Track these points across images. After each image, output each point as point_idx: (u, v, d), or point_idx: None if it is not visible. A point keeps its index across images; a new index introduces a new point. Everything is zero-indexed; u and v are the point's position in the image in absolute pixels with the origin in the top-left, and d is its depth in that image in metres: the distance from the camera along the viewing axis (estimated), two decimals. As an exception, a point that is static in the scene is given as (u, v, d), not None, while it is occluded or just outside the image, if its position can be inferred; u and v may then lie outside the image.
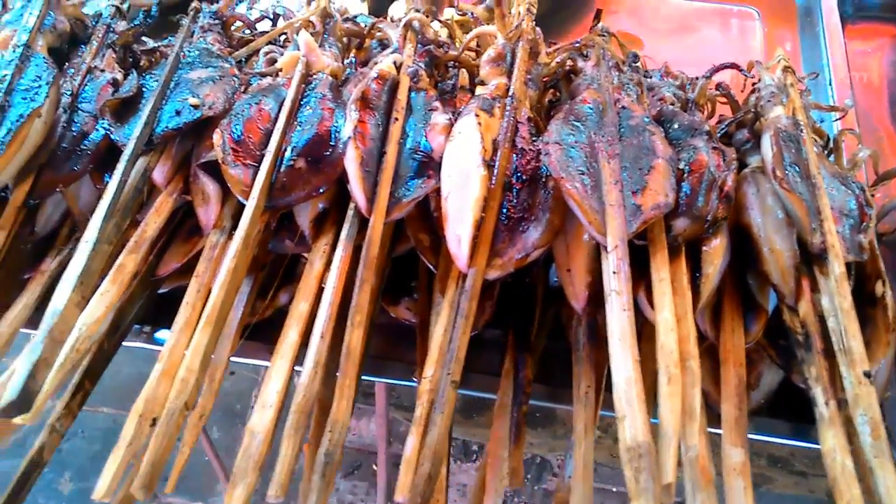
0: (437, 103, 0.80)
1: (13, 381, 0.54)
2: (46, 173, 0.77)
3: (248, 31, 0.95)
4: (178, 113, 0.77)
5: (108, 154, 0.79)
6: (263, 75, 0.87)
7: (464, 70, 0.89)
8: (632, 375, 0.58)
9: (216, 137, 0.76)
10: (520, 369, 0.72)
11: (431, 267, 0.76)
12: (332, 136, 0.76)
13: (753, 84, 0.91)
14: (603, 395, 0.69)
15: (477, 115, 0.75)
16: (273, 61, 0.88)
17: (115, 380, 1.04)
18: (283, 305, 0.82)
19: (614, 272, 0.64)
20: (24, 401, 0.53)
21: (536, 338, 0.75)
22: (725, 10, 1.18)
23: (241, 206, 0.77)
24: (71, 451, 1.91)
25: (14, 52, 0.81)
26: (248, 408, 2.10)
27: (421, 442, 0.62)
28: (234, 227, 0.76)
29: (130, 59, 0.90)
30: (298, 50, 0.86)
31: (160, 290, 0.80)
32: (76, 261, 0.62)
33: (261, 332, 0.78)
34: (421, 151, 0.76)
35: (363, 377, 0.71)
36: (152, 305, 0.80)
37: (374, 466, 1.95)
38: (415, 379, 0.79)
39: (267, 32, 0.93)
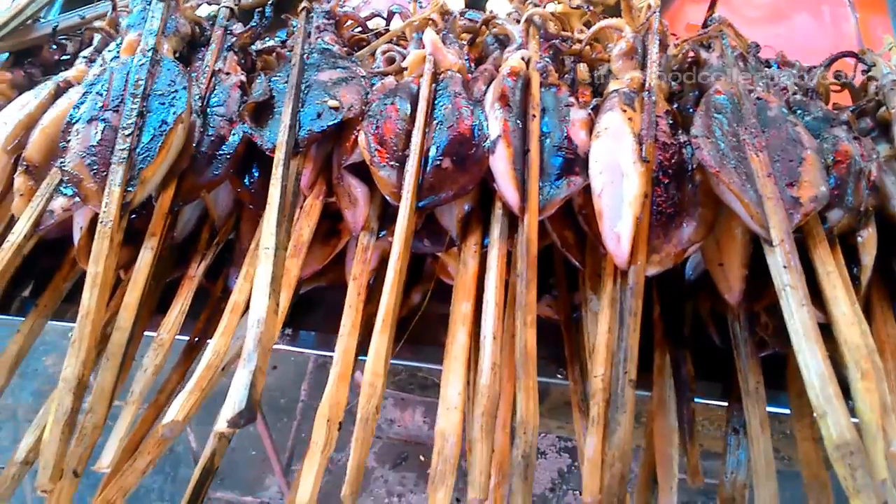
0: (572, 99, 0.80)
1: (238, 392, 0.54)
2: (189, 179, 0.77)
3: (357, 30, 0.94)
4: (319, 116, 0.77)
5: (244, 158, 0.79)
6: (385, 74, 0.86)
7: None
8: (824, 371, 0.58)
9: (361, 139, 0.75)
10: (680, 365, 0.72)
11: (577, 264, 0.77)
12: (475, 134, 0.76)
13: (865, 72, 0.91)
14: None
15: (624, 111, 0.75)
16: (392, 60, 0.88)
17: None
18: (415, 305, 0.83)
19: (784, 266, 0.65)
20: (250, 410, 0.53)
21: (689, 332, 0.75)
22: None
23: (385, 208, 0.77)
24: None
25: (143, 56, 0.80)
26: (294, 402, 2.10)
27: (603, 441, 0.62)
28: (381, 228, 0.77)
29: (242, 61, 0.89)
30: (419, 48, 0.86)
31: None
32: (263, 269, 0.62)
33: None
34: (565, 148, 0.76)
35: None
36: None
37: (422, 458, 1.97)
38: (559, 376, 0.80)
39: (377, 31, 0.93)
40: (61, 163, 0.74)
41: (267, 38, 0.96)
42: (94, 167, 0.74)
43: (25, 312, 0.82)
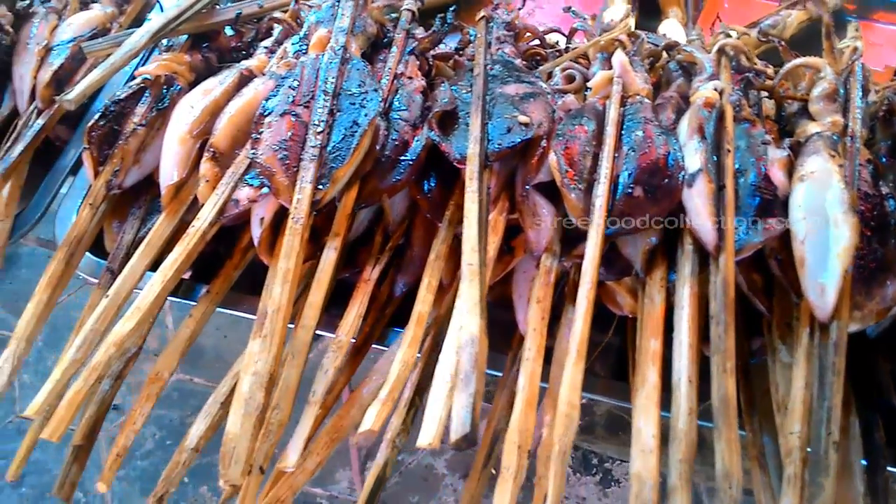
0: (768, 136, 0.77)
1: (460, 416, 0.53)
2: (371, 182, 0.76)
3: (534, 43, 0.93)
4: (508, 130, 0.76)
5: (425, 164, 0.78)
6: (564, 92, 0.85)
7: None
8: None
9: (552, 159, 0.74)
10: (872, 430, 0.69)
11: (763, 310, 0.74)
12: (669, 164, 0.74)
13: None
14: None
15: (832, 156, 0.72)
16: (571, 78, 0.86)
17: (233, 358, 0.99)
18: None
19: None
20: (473, 433, 0.52)
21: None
22: None
23: (565, 230, 0.76)
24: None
25: (334, 54, 0.80)
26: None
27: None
28: (562, 252, 0.75)
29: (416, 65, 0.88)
30: (603, 68, 0.84)
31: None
32: (470, 286, 0.61)
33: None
34: (762, 188, 0.73)
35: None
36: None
37: (493, 471, 1.95)
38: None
39: (555, 46, 0.91)
40: (253, 154, 0.74)
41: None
42: (286, 161, 0.73)
43: (189, 295, 0.82)
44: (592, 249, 0.69)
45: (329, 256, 0.72)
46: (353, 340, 0.77)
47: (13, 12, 0.92)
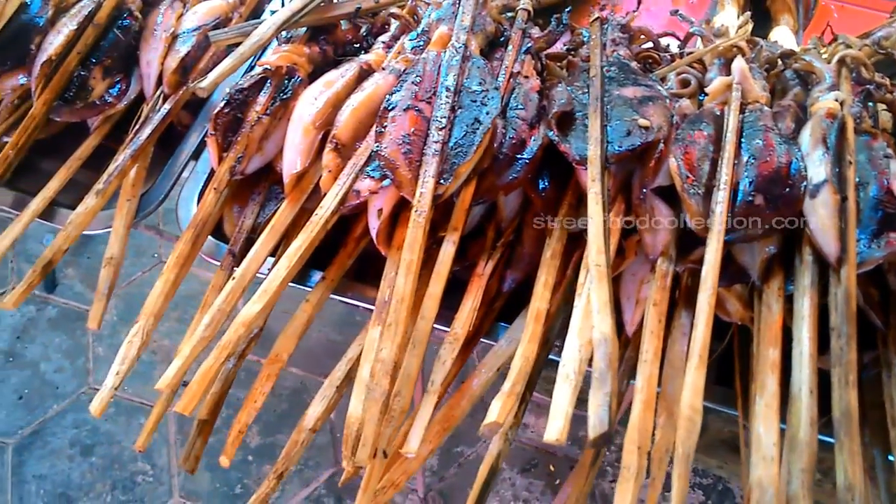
0: (890, 150, 0.76)
1: (597, 416, 0.54)
2: (488, 178, 0.77)
3: (646, 46, 0.93)
4: (628, 133, 0.76)
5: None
6: (678, 96, 0.85)
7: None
8: None
9: (672, 163, 0.74)
10: None
11: (878, 324, 0.73)
12: (792, 174, 0.73)
13: None
14: None
15: (962, 174, 0.71)
16: (686, 83, 0.86)
17: (306, 343, 1.02)
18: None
19: None
20: (610, 430, 0.53)
21: None
22: None
23: (680, 235, 0.76)
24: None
25: (455, 52, 0.81)
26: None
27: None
28: (678, 256, 0.75)
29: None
30: (720, 74, 0.84)
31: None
32: (599, 287, 0.63)
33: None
34: (885, 202, 0.72)
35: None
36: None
37: (551, 467, 1.96)
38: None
39: (668, 50, 0.91)
40: (377, 147, 0.76)
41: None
42: (409, 155, 0.75)
43: (302, 280, 0.85)
44: (713, 255, 0.70)
45: (447, 250, 0.74)
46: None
47: (142, -2, 0.96)
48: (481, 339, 0.80)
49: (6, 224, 0.84)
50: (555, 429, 0.58)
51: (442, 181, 0.74)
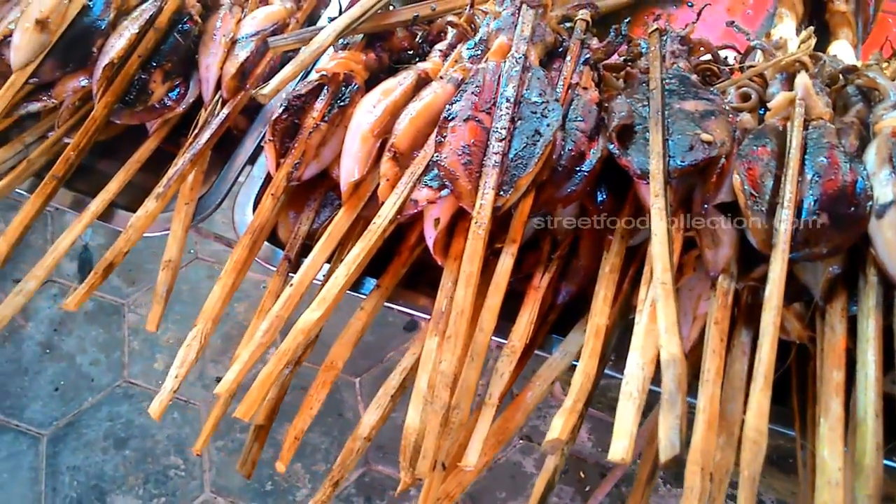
0: (958, 171, 0.75)
1: (668, 438, 0.54)
2: (547, 190, 0.77)
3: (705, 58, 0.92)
4: (691, 148, 0.76)
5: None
6: (738, 110, 0.84)
7: None
8: None
9: (736, 180, 0.74)
10: None
11: (944, 347, 0.72)
12: (857, 193, 0.72)
13: None
14: None
15: None
16: (747, 97, 0.85)
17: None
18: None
19: None
20: (682, 452, 0.53)
21: None
22: None
23: (740, 252, 0.75)
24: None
25: (515, 63, 0.81)
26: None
27: None
28: (739, 273, 0.75)
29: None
30: (782, 89, 0.83)
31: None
32: (666, 306, 0.62)
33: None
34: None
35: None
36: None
37: (582, 474, 1.96)
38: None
39: (726, 63, 0.90)
40: (437, 157, 0.76)
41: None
42: (469, 166, 0.75)
43: (355, 288, 0.85)
44: (777, 274, 0.69)
45: (506, 262, 0.74)
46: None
47: (201, 2, 0.97)
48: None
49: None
50: (620, 448, 0.57)
51: (501, 193, 0.74)
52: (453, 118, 0.78)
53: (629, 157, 0.77)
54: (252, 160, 0.93)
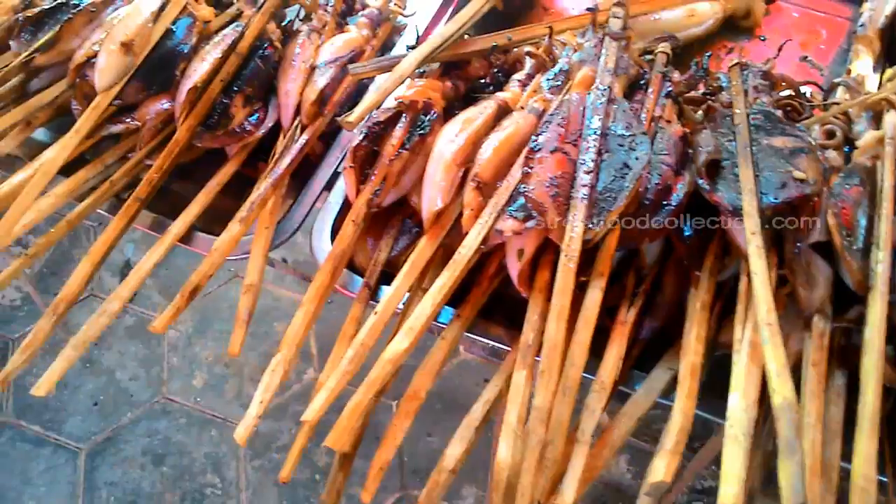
0: None
1: (793, 485, 0.53)
2: (634, 224, 0.76)
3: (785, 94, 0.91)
4: (783, 185, 0.75)
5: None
6: (823, 147, 0.83)
7: None
8: None
9: (832, 220, 0.73)
10: None
11: None
12: (955, 235, 0.71)
13: None
14: None
15: None
16: (832, 134, 0.85)
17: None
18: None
19: None
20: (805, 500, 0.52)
21: None
22: None
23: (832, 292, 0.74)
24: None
25: (600, 95, 0.81)
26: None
27: None
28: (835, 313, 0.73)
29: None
30: (869, 127, 0.82)
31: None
32: (775, 348, 0.61)
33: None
34: None
35: None
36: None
37: (621, 504, 1.93)
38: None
39: (810, 99, 0.90)
40: (524, 188, 0.76)
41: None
42: (556, 198, 0.75)
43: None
44: (877, 317, 0.68)
45: (594, 296, 0.73)
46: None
47: (281, 29, 0.97)
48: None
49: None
50: (730, 495, 0.56)
51: (590, 226, 0.73)
52: (540, 149, 0.78)
53: (720, 192, 0.76)
54: (329, 186, 0.93)
